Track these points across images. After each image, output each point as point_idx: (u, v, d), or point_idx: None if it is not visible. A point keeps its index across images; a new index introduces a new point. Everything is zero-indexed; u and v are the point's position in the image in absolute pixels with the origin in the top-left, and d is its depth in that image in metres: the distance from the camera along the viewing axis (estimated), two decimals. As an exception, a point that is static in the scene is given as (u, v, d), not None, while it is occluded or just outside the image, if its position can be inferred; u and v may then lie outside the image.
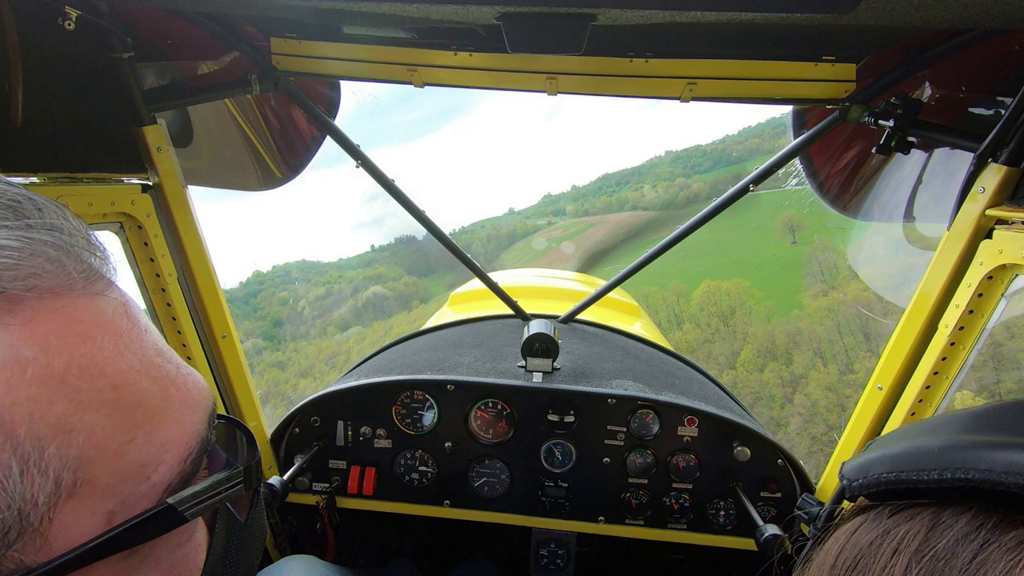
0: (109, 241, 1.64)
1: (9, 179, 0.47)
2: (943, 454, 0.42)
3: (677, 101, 1.82)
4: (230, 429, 0.65)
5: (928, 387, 1.65)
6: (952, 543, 0.38)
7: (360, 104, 2.20)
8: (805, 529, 1.88)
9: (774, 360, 50.94)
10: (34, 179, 1.35)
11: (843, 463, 0.52)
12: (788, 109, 2.01)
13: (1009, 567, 0.35)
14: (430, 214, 2.38)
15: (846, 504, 0.51)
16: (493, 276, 2.75)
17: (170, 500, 0.48)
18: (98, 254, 0.49)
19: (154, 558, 0.49)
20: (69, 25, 1.29)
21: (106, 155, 1.55)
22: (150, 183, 1.66)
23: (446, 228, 2.56)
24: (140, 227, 1.64)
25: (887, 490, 0.45)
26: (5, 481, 0.38)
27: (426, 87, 1.87)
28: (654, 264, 2.54)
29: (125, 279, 1.69)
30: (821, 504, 1.78)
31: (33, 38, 1.26)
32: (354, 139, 2.13)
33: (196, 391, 0.52)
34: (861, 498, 0.49)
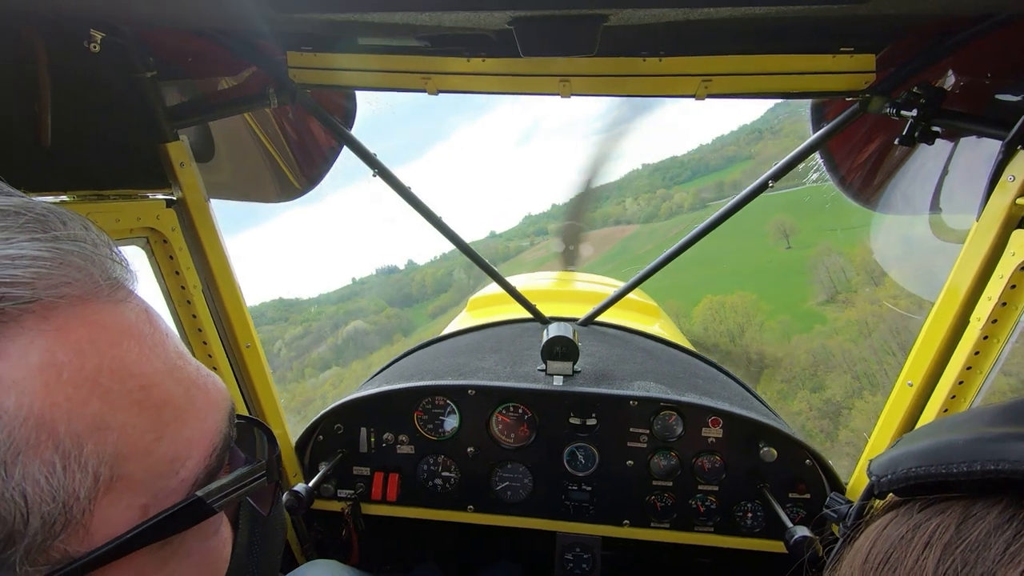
0: (136, 256, 1.68)
1: (31, 196, 0.49)
2: (972, 447, 0.41)
3: (692, 99, 1.81)
4: (249, 428, 0.69)
5: (961, 382, 1.60)
6: (984, 534, 0.38)
7: (376, 113, 2.23)
8: (835, 529, 1.84)
9: (802, 387, 44.62)
10: (64, 197, 1.39)
11: (870, 460, 0.51)
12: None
13: None
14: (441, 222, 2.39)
15: (877, 503, 0.51)
16: (511, 280, 2.75)
17: (199, 493, 0.51)
18: (120, 263, 0.51)
19: (185, 549, 0.52)
20: (94, 47, 1.33)
21: (131, 172, 1.59)
22: (174, 198, 1.70)
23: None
24: (165, 241, 1.68)
25: (916, 485, 0.45)
26: (50, 476, 0.41)
27: (439, 94, 1.88)
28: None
29: (152, 292, 1.74)
30: (850, 503, 1.73)
31: (61, 61, 1.30)
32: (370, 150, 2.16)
33: (216, 391, 0.56)
34: (890, 495, 0.49)
